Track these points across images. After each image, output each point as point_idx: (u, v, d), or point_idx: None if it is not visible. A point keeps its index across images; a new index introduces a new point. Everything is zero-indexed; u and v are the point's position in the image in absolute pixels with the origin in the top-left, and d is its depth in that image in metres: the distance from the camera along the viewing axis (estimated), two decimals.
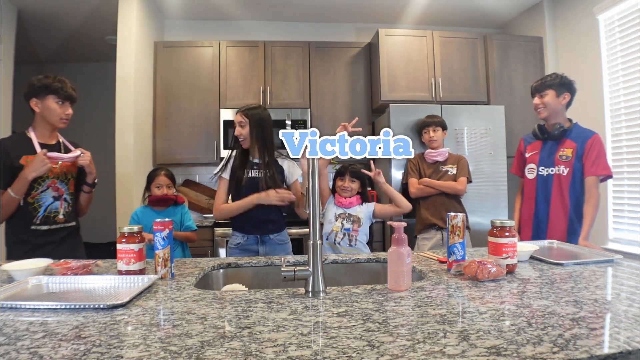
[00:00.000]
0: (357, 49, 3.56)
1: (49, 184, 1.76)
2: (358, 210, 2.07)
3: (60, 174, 1.80)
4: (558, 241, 1.69)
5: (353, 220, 2.05)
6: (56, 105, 1.75)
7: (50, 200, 1.77)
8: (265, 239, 1.93)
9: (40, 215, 1.74)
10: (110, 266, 1.40)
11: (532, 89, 2.12)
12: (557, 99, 2.03)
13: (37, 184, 1.73)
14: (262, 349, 0.70)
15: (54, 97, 1.74)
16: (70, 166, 1.84)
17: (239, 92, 3.41)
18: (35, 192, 1.73)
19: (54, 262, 1.30)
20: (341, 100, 3.52)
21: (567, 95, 2.04)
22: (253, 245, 1.93)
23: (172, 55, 3.40)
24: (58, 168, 1.79)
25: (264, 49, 3.46)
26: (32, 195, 1.73)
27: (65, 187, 1.82)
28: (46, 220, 1.75)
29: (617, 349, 0.67)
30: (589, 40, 3.10)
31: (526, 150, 2.19)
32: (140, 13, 3.12)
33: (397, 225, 1.10)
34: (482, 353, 0.67)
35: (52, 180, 1.77)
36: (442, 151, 2.59)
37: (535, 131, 2.14)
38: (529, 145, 2.19)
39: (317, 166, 1.06)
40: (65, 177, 1.82)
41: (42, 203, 1.75)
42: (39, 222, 1.74)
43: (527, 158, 2.16)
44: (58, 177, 1.79)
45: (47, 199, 1.76)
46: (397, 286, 1.05)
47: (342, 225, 2.04)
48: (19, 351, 0.69)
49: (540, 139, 2.13)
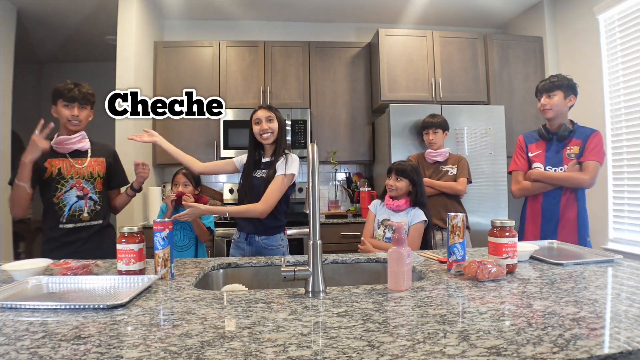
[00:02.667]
0: (357, 49, 3.56)
1: (73, 184, 1.83)
2: (403, 219, 1.91)
3: (85, 174, 1.86)
4: (558, 241, 1.69)
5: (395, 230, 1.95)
6: (63, 109, 1.81)
7: (74, 200, 1.83)
8: (252, 239, 1.89)
9: (65, 214, 1.82)
10: (110, 266, 1.40)
11: (539, 88, 2.10)
12: (564, 101, 2.04)
13: (61, 184, 1.81)
14: (262, 349, 0.70)
15: (62, 100, 1.81)
16: (97, 166, 1.91)
17: (239, 92, 3.41)
18: (60, 192, 1.80)
19: (53, 262, 1.31)
20: (341, 100, 3.52)
21: (573, 98, 2.05)
22: (242, 243, 1.91)
23: (172, 55, 3.40)
24: (84, 169, 1.86)
25: (264, 49, 3.46)
26: (57, 195, 1.80)
27: (91, 186, 1.88)
28: (71, 219, 1.83)
29: (617, 349, 0.67)
30: (589, 40, 3.10)
31: (528, 149, 2.17)
32: (140, 13, 3.12)
33: (397, 225, 1.10)
34: (482, 353, 0.67)
35: (76, 180, 1.84)
36: (442, 151, 2.59)
37: (542, 131, 2.12)
38: (531, 145, 2.16)
39: (317, 166, 1.06)
40: (91, 176, 1.88)
41: (67, 202, 1.82)
42: (65, 221, 1.81)
43: (530, 158, 2.14)
44: (83, 176, 1.86)
45: (71, 198, 1.83)
46: (397, 286, 1.05)
47: (384, 234, 1.94)
48: (18, 351, 0.69)
49: (545, 140, 2.12)
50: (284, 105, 3.41)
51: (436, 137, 2.61)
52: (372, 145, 3.54)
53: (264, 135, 1.86)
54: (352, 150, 3.51)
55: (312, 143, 1.08)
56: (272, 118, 1.87)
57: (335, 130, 3.50)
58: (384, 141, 3.15)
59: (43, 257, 1.37)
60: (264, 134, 1.85)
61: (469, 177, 2.55)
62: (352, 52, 3.56)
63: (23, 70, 3.51)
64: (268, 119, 1.86)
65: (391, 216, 1.95)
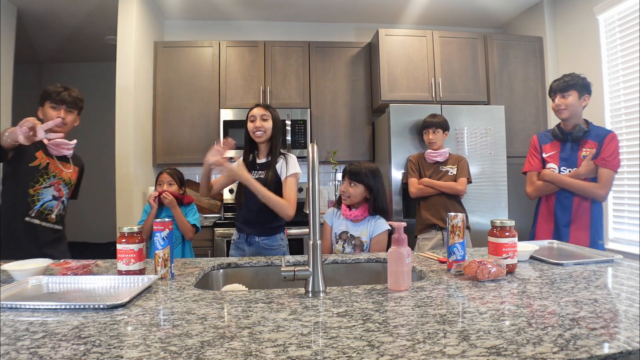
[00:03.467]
0: (357, 49, 3.56)
1: (53, 182, 1.82)
2: (363, 231, 1.73)
3: (66, 179, 1.87)
4: (558, 241, 1.69)
5: (355, 245, 1.73)
6: (50, 110, 1.80)
7: (49, 198, 1.82)
8: (252, 240, 1.88)
9: (36, 208, 1.78)
10: (110, 266, 1.40)
11: (554, 88, 2.06)
12: (578, 101, 2.00)
13: (43, 179, 1.79)
14: (262, 349, 0.70)
15: (49, 102, 1.81)
16: (74, 174, 1.93)
17: (239, 92, 3.41)
18: (39, 185, 1.78)
19: (54, 262, 1.31)
20: (341, 100, 3.52)
21: (587, 97, 2.02)
22: (242, 244, 1.91)
23: (172, 55, 3.40)
24: (66, 173, 1.87)
25: (264, 49, 3.46)
26: (36, 188, 1.78)
27: (66, 191, 1.89)
28: (39, 215, 1.79)
29: (617, 349, 0.67)
30: (589, 40, 3.10)
31: (542, 150, 2.13)
32: (140, 13, 3.12)
33: (397, 225, 1.10)
34: (482, 353, 0.67)
35: (57, 180, 1.83)
36: (442, 151, 2.59)
37: (556, 132, 2.09)
38: (545, 145, 2.13)
39: (317, 166, 1.06)
40: (69, 182, 1.89)
41: (42, 198, 1.80)
42: (33, 215, 1.77)
43: (545, 158, 2.11)
44: (63, 180, 1.86)
45: (47, 195, 1.81)
46: (397, 286, 1.05)
47: (343, 249, 1.78)
48: (19, 351, 0.69)
49: (560, 140, 2.08)
50: (284, 105, 3.42)
51: (436, 137, 2.61)
52: (372, 145, 3.54)
53: (257, 133, 1.85)
54: (352, 150, 3.52)
55: (312, 143, 1.08)
56: (267, 117, 1.86)
57: (335, 130, 3.51)
58: (384, 141, 3.15)
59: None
60: (257, 131, 1.85)
61: (469, 177, 2.55)
62: (352, 52, 3.56)
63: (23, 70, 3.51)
64: (263, 117, 1.86)
65: (350, 228, 1.76)
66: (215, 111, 3.37)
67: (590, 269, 1.25)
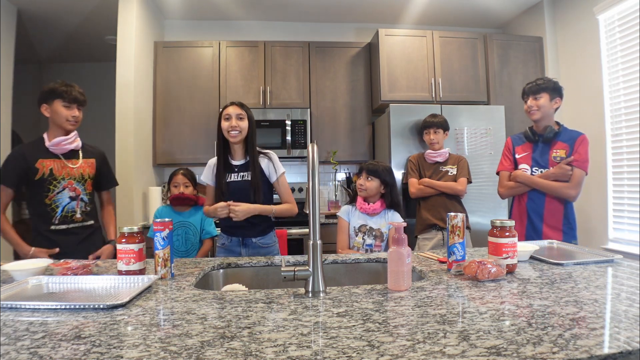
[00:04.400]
0: (357, 49, 3.56)
1: (65, 185, 1.83)
2: (381, 222, 1.87)
3: (77, 175, 1.87)
4: (558, 241, 1.70)
5: (375, 235, 1.85)
6: (63, 109, 1.81)
7: (67, 201, 1.84)
8: (248, 241, 1.87)
9: (58, 215, 1.82)
10: (110, 266, 1.40)
11: (526, 90, 2.13)
12: (550, 103, 2.06)
13: (53, 185, 1.80)
14: (262, 349, 0.70)
15: (61, 100, 1.81)
16: (87, 167, 1.92)
17: (239, 92, 3.41)
18: (52, 193, 1.80)
19: (54, 262, 1.31)
20: (341, 100, 3.52)
21: (559, 100, 2.08)
22: (236, 247, 1.88)
23: (172, 55, 3.40)
24: (75, 169, 1.87)
25: (264, 49, 3.46)
26: (50, 197, 1.80)
27: (82, 187, 1.89)
28: (64, 220, 1.83)
29: (617, 349, 0.67)
30: (589, 41, 3.10)
31: (515, 151, 2.19)
32: (140, 13, 3.12)
33: (397, 225, 1.10)
34: (482, 353, 0.67)
35: (68, 181, 1.84)
36: (443, 152, 2.59)
37: (528, 133, 2.14)
38: (517, 147, 2.18)
39: (317, 166, 1.06)
40: (82, 177, 1.89)
41: (60, 203, 1.82)
42: (57, 222, 1.81)
43: (517, 159, 2.16)
44: (74, 177, 1.86)
45: (64, 199, 1.83)
46: (397, 286, 1.05)
47: (364, 241, 1.86)
48: (19, 351, 0.69)
49: (531, 141, 2.14)
50: (284, 105, 3.42)
51: (437, 137, 2.61)
52: (372, 145, 3.54)
53: (232, 132, 1.80)
54: (352, 150, 3.52)
55: (312, 143, 1.08)
56: (242, 116, 1.82)
57: (335, 130, 3.51)
58: (384, 141, 3.15)
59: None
60: (233, 131, 1.80)
61: (469, 177, 2.55)
62: (352, 52, 3.56)
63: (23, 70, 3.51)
64: (239, 116, 1.81)
65: (367, 221, 1.87)
66: (215, 111, 3.37)
67: (590, 269, 1.25)
